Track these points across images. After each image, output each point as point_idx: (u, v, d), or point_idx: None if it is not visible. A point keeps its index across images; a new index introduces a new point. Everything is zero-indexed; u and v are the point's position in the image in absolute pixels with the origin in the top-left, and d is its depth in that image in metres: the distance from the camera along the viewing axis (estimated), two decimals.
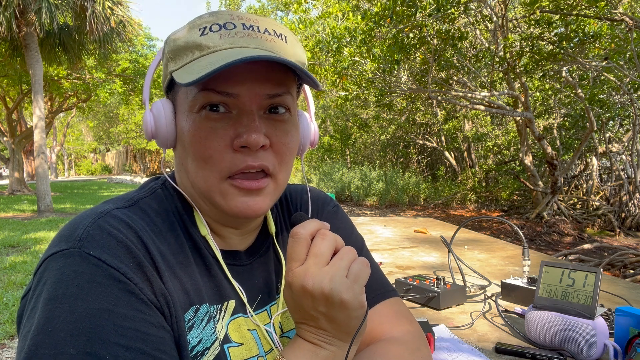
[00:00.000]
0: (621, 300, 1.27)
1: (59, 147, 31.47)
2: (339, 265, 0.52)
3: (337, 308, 0.51)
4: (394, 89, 7.71)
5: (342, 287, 0.51)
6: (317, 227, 0.56)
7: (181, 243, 0.60)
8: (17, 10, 8.98)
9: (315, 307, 0.52)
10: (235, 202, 0.58)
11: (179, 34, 0.60)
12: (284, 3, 8.65)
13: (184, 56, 0.58)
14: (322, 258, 0.53)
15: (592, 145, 8.61)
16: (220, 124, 0.57)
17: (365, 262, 0.55)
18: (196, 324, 0.57)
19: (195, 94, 0.57)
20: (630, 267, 5.02)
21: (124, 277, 0.50)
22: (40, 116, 9.34)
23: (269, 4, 25.61)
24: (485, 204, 11.07)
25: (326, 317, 0.53)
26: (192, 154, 0.58)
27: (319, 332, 0.54)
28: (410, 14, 6.01)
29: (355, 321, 0.53)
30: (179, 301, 0.56)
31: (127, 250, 0.52)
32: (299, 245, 0.53)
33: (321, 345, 0.54)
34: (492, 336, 1.05)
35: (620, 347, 0.88)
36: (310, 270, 0.52)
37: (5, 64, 12.72)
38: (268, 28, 0.60)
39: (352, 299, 0.51)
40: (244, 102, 0.57)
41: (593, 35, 6.15)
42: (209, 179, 0.58)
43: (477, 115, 11.35)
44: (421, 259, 1.87)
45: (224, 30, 0.57)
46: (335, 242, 0.55)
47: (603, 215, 7.96)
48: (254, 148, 0.56)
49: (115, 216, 0.55)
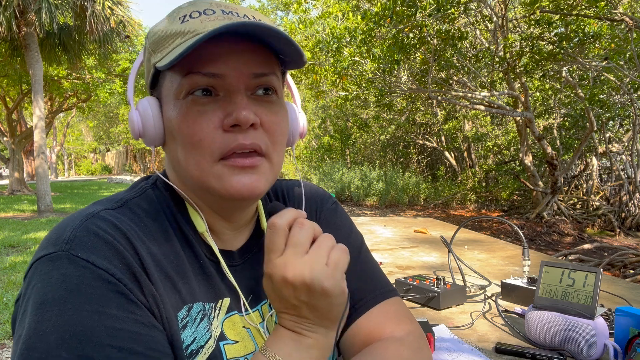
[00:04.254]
0: (621, 300, 1.27)
1: (59, 147, 31.47)
2: (318, 253, 0.52)
3: (318, 296, 0.51)
4: (394, 89, 7.71)
5: (322, 276, 0.51)
6: (294, 216, 0.55)
7: (173, 243, 0.60)
8: (17, 10, 8.98)
9: (297, 297, 0.52)
10: (231, 182, 0.57)
11: (159, 26, 0.59)
12: (284, 3, 8.66)
13: (165, 46, 0.57)
14: (301, 247, 0.52)
15: (592, 145, 8.61)
16: (208, 107, 0.56)
17: (344, 249, 0.54)
18: (189, 322, 0.57)
19: (179, 80, 0.57)
20: (630, 267, 5.02)
21: (113, 278, 0.50)
22: (40, 116, 9.34)
23: (269, 3, 25.60)
24: (485, 204, 11.07)
25: (308, 306, 0.52)
26: (182, 141, 0.57)
27: (301, 321, 0.54)
28: (410, 14, 6.01)
29: (337, 308, 0.53)
30: (170, 301, 0.56)
31: (115, 251, 0.52)
32: (276, 236, 0.53)
33: (304, 333, 0.54)
34: (492, 336, 1.05)
35: (620, 347, 0.88)
36: (290, 261, 0.51)
37: (5, 64, 12.72)
38: (247, 14, 0.60)
39: (333, 286, 0.51)
40: (231, 82, 0.56)
41: (593, 35, 6.15)
42: (201, 163, 0.57)
43: (477, 115, 11.35)
44: (421, 259, 1.87)
45: (204, 15, 0.57)
46: (314, 231, 0.54)
47: (603, 215, 7.96)
48: (244, 125, 0.56)
49: (103, 218, 0.55)
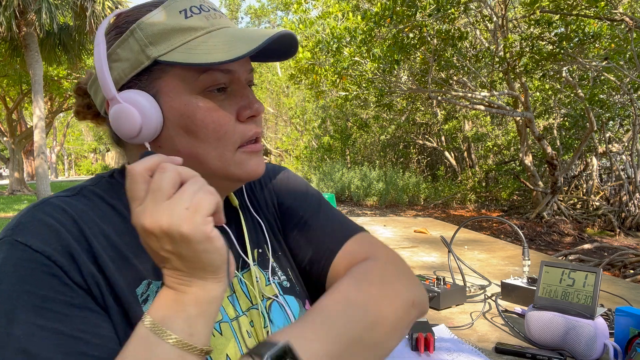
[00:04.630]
0: (621, 300, 1.27)
1: (59, 147, 31.48)
2: (180, 197, 0.48)
3: (180, 243, 0.47)
4: (394, 89, 7.71)
5: (180, 220, 0.47)
6: (157, 162, 0.50)
7: (129, 224, 0.59)
8: (17, 10, 8.98)
9: (162, 247, 0.48)
10: (249, 167, 0.64)
11: (156, 18, 0.59)
12: (284, 3, 8.65)
13: (171, 39, 0.58)
14: (161, 193, 0.48)
15: (592, 145, 8.61)
16: (225, 101, 0.62)
17: (211, 190, 0.50)
18: (150, 296, 0.58)
19: (197, 76, 0.59)
20: (630, 267, 5.02)
21: (48, 260, 0.52)
22: (40, 116, 9.34)
23: (269, 3, 25.63)
24: (485, 204, 11.06)
25: (175, 256, 0.49)
26: (203, 136, 0.61)
27: (175, 274, 0.51)
28: (410, 14, 6.01)
29: (205, 255, 0.49)
30: (124, 279, 0.57)
31: (55, 233, 0.54)
32: (134, 183, 0.49)
33: (180, 289, 0.50)
34: (492, 336, 1.05)
35: (620, 347, 0.88)
36: (149, 208, 0.48)
37: (5, 64, 12.73)
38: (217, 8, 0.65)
39: (192, 230, 0.47)
40: (239, 77, 0.63)
41: (593, 35, 6.15)
42: (224, 153, 0.62)
43: (477, 115, 11.35)
44: (421, 259, 1.87)
45: (203, 12, 0.61)
46: (180, 175, 0.50)
47: (603, 215, 7.96)
48: (259, 115, 0.64)
49: (51, 203, 0.57)
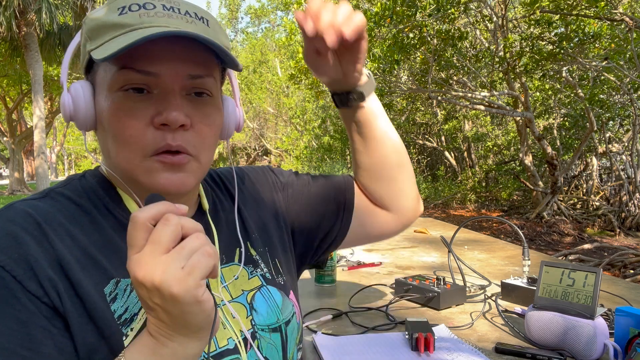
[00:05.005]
0: (621, 300, 1.27)
1: (59, 147, 31.48)
2: (178, 254, 0.47)
3: (169, 301, 0.47)
4: (394, 89, 7.71)
5: (173, 280, 0.46)
6: (162, 211, 0.50)
7: (98, 225, 0.61)
8: (17, 10, 8.99)
9: (151, 298, 0.48)
10: (159, 179, 0.59)
11: (97, 14, 0.59)
12: (284, 3, 8.65)
13: (102, 35, 0.58)
14: (161, 246, 0.47)
15: (592, 145, 8.61)
16: (141, 103, 0.58)
17: (210, 252, 0.49)
18: (119, 294, 0.59)
19: (113, 72, 0.58)
20: (630, 267, 5.02)
21: (3, 270, 0.52)
22: (40, 116, 9.35)
23: (269, 3, 25.63)
24: (485, 204, 11.06)
25: (162, 310, 0.49)
26: (112, 134, 0.59)
27: (160, 325, 0.50)
28: (410, 14, 6.01)
29: (192, 317, 0.49)
30: (91, 279, 0.57)
31: (13, 241, 0.54)
32: (136, 231, 0.48)
33: (161, 340, 0.51)
34: (492, 336, 1.05)
35: (620, 347, 0.88)
36: (145, 259, 0.47)
37: (5, 64, 12.73)
38: (189, 10, 0.60)
39: (183, 292, 0.47)
40: (165, 81, 0.58)
41: (593, 35, 6.15)
42: (132, 158, 0.59)
43: (477, 115, 11.35)
44: (421, 259, 1.87)
45: (143, 10, 0.57)
46: (182, 228, 0.49)
47: (603, 215, 7.96)
48: (173, 126, 0.57)
49: (15, 208, 0.57)
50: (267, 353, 0.69)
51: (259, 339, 0.69)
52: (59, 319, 0.54)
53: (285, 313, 0.74)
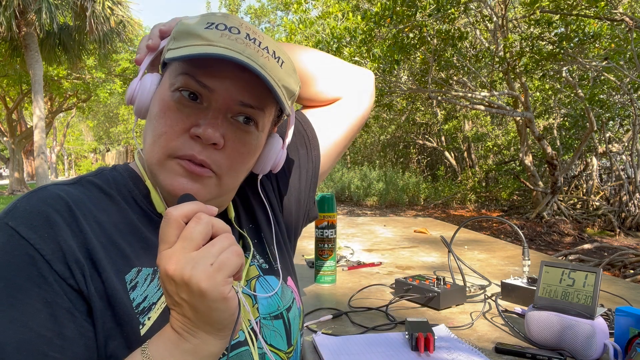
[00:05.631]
0: (621, 300, 1.27)
1: (59, 147, 31.49)
2: (208, 251, 0.50)
3: (196, 297, 0.49)
4: (394, 89, 7.71)
5: (202, 275, 0.48)
6: (194, 210, 0.52)
7: (126, 214, 0.63)
8: (17, 10, 8.98)
9: (178, 294, 0.50)
10: (175, 181, 0.61)
11: (189, 20, 0.62)
12: (284, 3, 8.65)
13: (184, 39, 0.61)
14: (192, 243, 0.49)
15: (592, 145, 8.61)
16: (188, 109, 0.61)
17: (238, 252, 0.51)
18: (139, 283, 0.59)
19: (177, 74, 0.61)
20: (630, 267, 5.02)
21: (32, 248, 0.52)
22: (40, 116, 9.35)
23: (269, 3, 25.63)
24: (485, 204, 11.07)
25: (189, 305, 0.50)
26: (152, 127, 0.62)
27: (184, 321, 0.52)
28: (410, 14, 6.01)
29: (217, 314, 0.50)
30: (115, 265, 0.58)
31: (45, 220, 0.54)
32: (168, 227, 0.50)
33: (184, 336, 0.52)
34: (492, 336, 1.05)
35: (620, 347, 0.88)
36: (176, 255, 0.49)
37: (5, 64, 12.73)
38: (269, 47, 0.62)
39: (211, 288, 0.48)
40: (217, 98, 0.60)
41: (593, 35, 6.15)
42: (157, 154, 0.61)
43: (477, 115, 11.35)
44: (421, 259, 1.87)
45: (227, 32, 0.60)
46: (212, 228, 0.51)
47: (603, 215, 7.96)
48: (206, 142, 0.59)
49: (48, 190, 0.59)
50: (271, 341, 0.70)
51: (262, 327, 0.70)
52: (82, 302, 0.55)
53: (285, 300, 0.75)
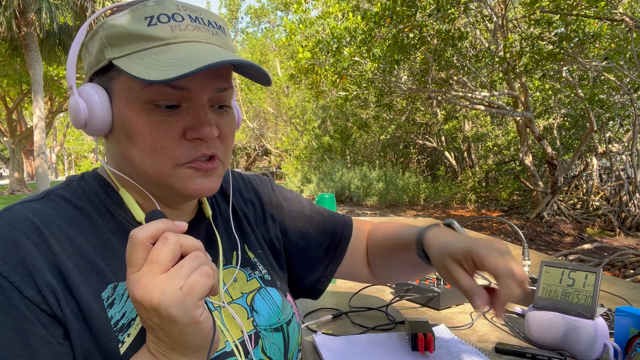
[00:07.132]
0: (621, 300, 1.27)
1: (59, 147, 31.50)
2: (176, 274, 0.47)
3: (167, 322, 0.47)
4: (394, 89, 7.71)
5: (171, 301, 0.46)
6: (161, 229, 0.49)
7: (97, 226, 0.61)
8: (17, 10, 8.99)
9: (150, 318, 0.48)
10: (193, 184, 0.60)
11: (120, 20, 0.57)
12: (284, 3, 8.65)
13: (128, 44, 0.57)
14: (159, 266, 0.47)
15: (592, 145, 8.61)
16: (172, 117, 0.58)
17: (208, 272, 0.49)
18: (117, 300, 0.58)
19: (143, 85, 0.56)
20: (630, 267, 5.02)
21: (0, 276, 0.51)
22: (40, 116, 9.35)
23: (269, 4, 25.63)
24: (485, 204, 11.07)
25: (161, 330, 0.49)
26: (140, 146, 0.58)
27: (159, 343, 0.51)
28: (410, 14, 6.01)
29: (190, 337, 0.49)
30: (89, 284, 0.56)
31: (11, 246, 0.53)
32: (134, 250, 0.48)
33: (159, 358, 0.51)
34: (492, 336, 1.05)
35: (620, 347, 0.88)
36: (143, 279, 0.47)
37: (5, 64, 12.73)
38: (210, 20, 0.61)
39: (181, 313, 0.46)
40: (197, 95, 0.58)
41: (593, 35, 6.15)
42: (162, 167, 0.59)
43: (477, 115, 11.35)
44: None
45: (173, 22, 0.57)
46: (181, 247, 0.49)
47: (603, 215, 7.96)
48: (208, 140, 0.60)
49: (14, 211, 0.57)
50: (270, 353, 0.69)
51: (263, 339, 0.69)
52: (57, 326, 0.53)
53: (286, 313, 0.75)
